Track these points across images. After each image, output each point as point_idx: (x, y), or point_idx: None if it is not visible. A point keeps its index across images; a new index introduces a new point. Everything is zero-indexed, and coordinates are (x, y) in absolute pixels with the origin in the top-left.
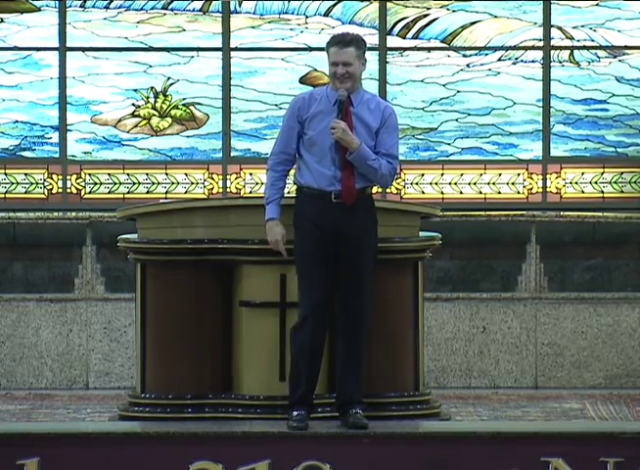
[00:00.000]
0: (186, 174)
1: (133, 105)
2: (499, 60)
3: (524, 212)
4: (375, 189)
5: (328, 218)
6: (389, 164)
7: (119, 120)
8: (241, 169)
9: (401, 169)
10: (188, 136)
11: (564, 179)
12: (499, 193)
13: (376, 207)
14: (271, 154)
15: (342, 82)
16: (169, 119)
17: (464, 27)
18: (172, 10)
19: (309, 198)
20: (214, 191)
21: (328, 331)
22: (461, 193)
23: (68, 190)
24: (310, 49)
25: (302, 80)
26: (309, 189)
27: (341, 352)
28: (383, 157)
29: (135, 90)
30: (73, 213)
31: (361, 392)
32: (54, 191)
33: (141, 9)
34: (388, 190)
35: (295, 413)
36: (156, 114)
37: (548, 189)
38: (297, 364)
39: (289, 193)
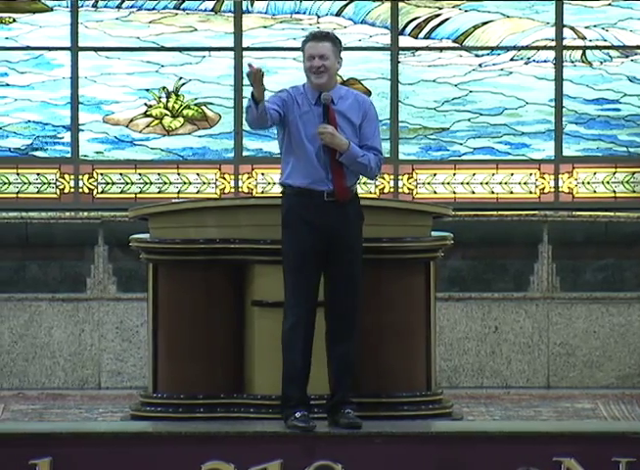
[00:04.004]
0: (198, 174)
1: (145, 105)
2: (511, 60)
3: (536, 212)
4: (387, 189)
5: (320, 217)
6: (375, 156)
7: (131, 120)
8: (253, 169)
9: (413, 169)
10: (200, 136)
11: (576, 179)
12: (511, 193)
13: (388, 207)
14: None
15: (317, 76)
16: (181, 119)
17: (476, 27)
18: (184, 10)
19: (299, 197)
20: (226, 191)
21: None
22: (473, 193)
23: (80, 190)
24: None
25: None
26: (300, 189)
27: (333, 353)
28: (368, 150)
29: (147, 90)
30: (85, 213)
31: (350, 392)
32: (66, 191)
33: (153, 9)
34: (400, 190)
35: (298, 414)
36: (168, 113)
37: (560, 189)
38: (293, 367)
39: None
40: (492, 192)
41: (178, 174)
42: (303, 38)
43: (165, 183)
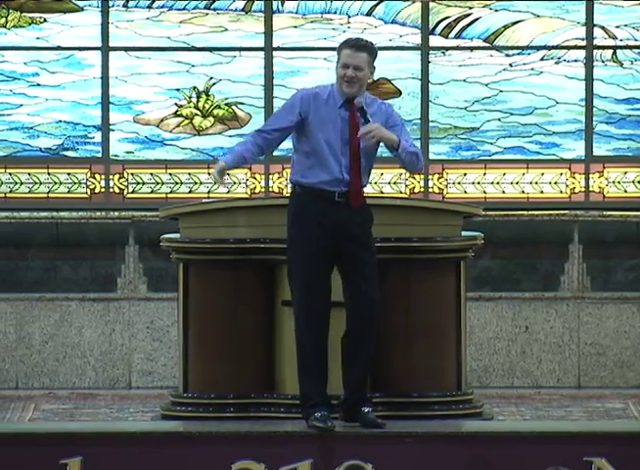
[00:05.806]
0: (228, 174)
1: (176, 104)
2: (542, 59)
3: (566, 212)
4: (417, 189)
5: (331, 217)
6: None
7: (162, 120)
8: (283, 169)
9: (443, 169)
10: (230, 136)
11: (606, 179)
12: (542, 192)
13: (418, 207)
14: (258, 129)
15: (349, 86)
16: (212, 119)
17: (506, 27)
18: (215, 10)
19: (309, 196)
20: (257, 190)
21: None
22: (503, 192)
23: (111, 189)
24: None
25: None
26: (311, 188)
27: (351, 353)
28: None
29: (177, 90)
30: (116, 213)
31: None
32: (97, 191)
33: (183, 9)
34: (430, 190)
35: (318, 414)
36: (198, 113)
37: (591, 188)
38: (311, 366)
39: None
40: (523, 192)
41: (209, 174)
42: (342, 41)
43: (196, 183)
